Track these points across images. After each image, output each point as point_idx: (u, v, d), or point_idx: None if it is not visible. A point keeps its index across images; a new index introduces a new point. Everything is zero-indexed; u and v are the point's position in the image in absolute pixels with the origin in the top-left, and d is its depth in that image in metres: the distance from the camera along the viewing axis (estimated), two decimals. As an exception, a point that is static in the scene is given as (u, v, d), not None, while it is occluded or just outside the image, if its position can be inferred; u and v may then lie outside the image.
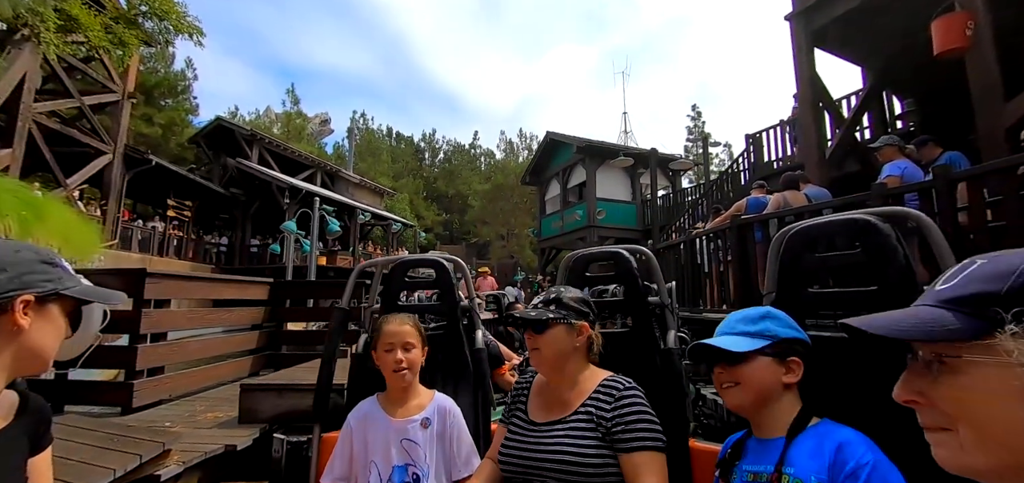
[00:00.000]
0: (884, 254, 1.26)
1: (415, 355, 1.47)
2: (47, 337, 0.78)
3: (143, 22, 10.58)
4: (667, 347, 1.83)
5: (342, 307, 2.23)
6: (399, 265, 2.18)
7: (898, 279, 1.23)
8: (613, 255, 1.93)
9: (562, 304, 1.32)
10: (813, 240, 1.41)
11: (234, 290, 4.30)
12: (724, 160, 32.90)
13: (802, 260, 1.41)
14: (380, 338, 1.48)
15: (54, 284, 0.77)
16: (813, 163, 5.70)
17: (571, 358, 1.30)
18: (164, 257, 14.95)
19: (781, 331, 1.05)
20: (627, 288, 1.90)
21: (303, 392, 2.80)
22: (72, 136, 12.60)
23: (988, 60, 4.05)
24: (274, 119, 36.86)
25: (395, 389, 1.49)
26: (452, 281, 2.13)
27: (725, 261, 5.22)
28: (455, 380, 1.90)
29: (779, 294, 1.43)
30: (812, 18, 5.60)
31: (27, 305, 0.74)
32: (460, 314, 2.08)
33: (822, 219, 1.44)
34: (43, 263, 0.78)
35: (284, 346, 4.72)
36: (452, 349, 1.99)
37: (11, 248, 0.77)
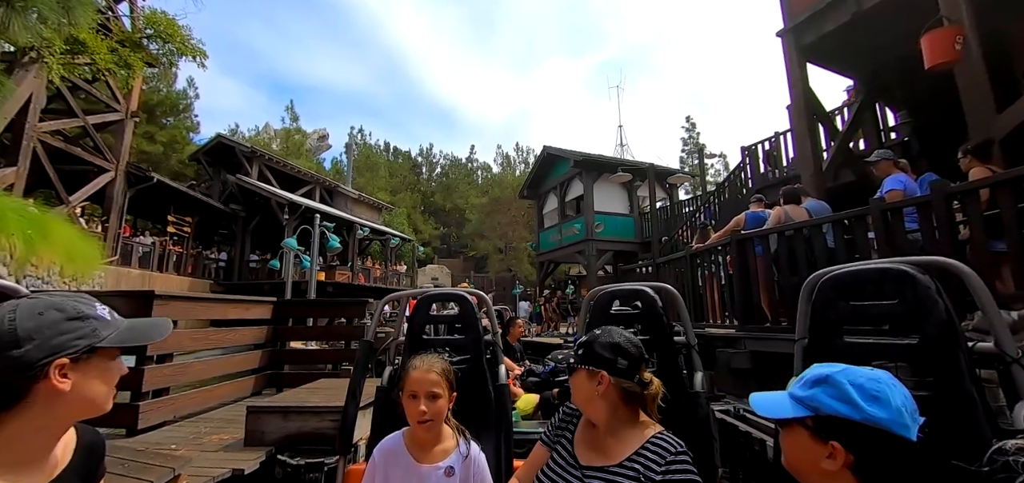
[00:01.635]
0: (924, 306, 1.22)
1: (441, 404, 1.41)
2: (96, 388, 0.77)
3: (148, 44, 10.75)
4: (694, 390, 1.80)
5: (367, 340, 2.28)
6: (424, 298, 2.19)
7: (939, 332, 1.19)
8: (638, 293, 1.91)
9: (589, 348, 1.28)
10: (846, 287, 1.37)
11: (239, 310, 4.33)
12: (720, 170, 33.14)
13: (835, 307, 1.37)
14: (406, 383, 1.43)
15: (88, 339, 0.75)
16: (809, 175, 5.78)
17: (599, 404, 1.25)
18: (164, 273, 14.94)
19: (827, 404, 0.86)
20: (652, 327, 1.87)
21: (308, 414, 2.82)
22: (75, 154, 12.69)
23: (978, 73, 4.14)
24: (273, 135, 37.08)
25: (419, 434, 1.44)
26: (475, 315, 2.11)
27: (727, 276, 5.25)
28: (478, 417, 1.85)
29: (811, 341, 1.40)
30: (803, 33, 5.72)
31: (63, 368, 0.72)
32: (483, 348, 2.06)
33: (856, 266, 1.39)
34: (71, 320, 0.75)
35: (286, 365, 4.73)
36: (475, 385, 1.96)
37: (34, 312, 0.73)
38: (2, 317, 0.71)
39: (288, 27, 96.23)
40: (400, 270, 22.71)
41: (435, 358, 1.49)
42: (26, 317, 0.72)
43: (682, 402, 1.75)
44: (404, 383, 1.45)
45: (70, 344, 0.73)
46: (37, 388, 0.70)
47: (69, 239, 9.11)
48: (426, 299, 2.20)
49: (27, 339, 0.70)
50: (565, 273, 22.64)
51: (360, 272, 19.33)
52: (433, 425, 1.41)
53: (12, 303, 0.74)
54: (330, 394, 3.25)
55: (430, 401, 1.39)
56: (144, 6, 12.58)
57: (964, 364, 1.15)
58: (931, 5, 4.40)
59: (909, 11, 4.88)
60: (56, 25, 3.92)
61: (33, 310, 0.73)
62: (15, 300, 0.75)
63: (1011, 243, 3.00)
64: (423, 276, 29.45)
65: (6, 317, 0.71)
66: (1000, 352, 1.21)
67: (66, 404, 0.73)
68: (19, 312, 0.72)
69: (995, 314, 1.26)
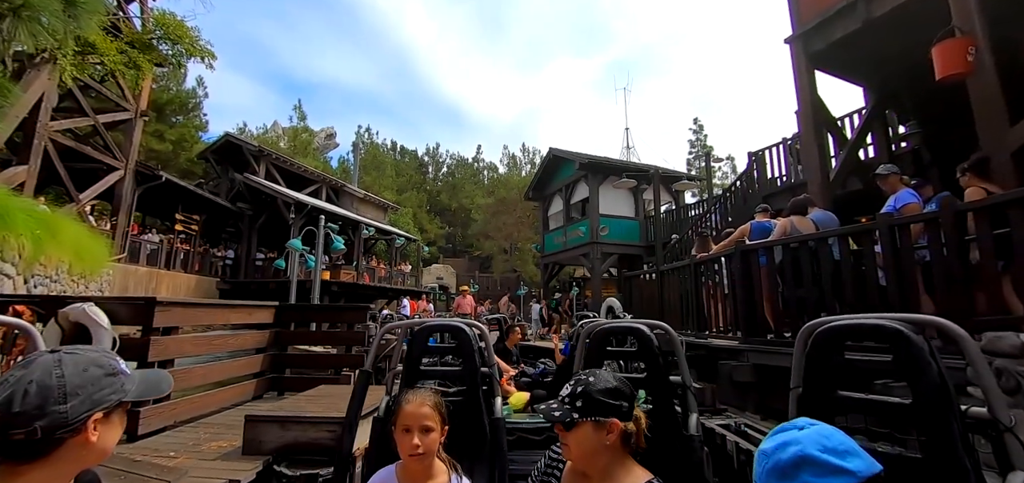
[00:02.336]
0: (917, 366, 1.22)
1: (433, 438, 1.41)
2: (111, 438, 0.82)
3: (158, 45, 10.85)
4: (688, 433, 1.78)
5: (366, 370, 2.29)
6: (421, 330, 2.19)
7: (931, 395, 1.19)
8: (633, 331, 1.89)
9: (590, 399, 1.19)
10: (841, 339, 1.38)
11: (241, 314, 4.35)
12: (727, 174, 32.88)
13: (830, 359, 1.37)
14: (399, 416, 1.43)
15: (118, 395, 0.81)
16: (817, 184, 5.70)
17: (602, 455, 1.19)
18: (171, 270, 15.10)
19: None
20: (648, 366, 1.84)
21: (306, 424, 2.82)
22: (85, 153, 12.86)
23: (991, 85, 4.05)
24: (281, 134, 37.37)
25: (411, 467, 1.43)
26: (473, 347, 2.10)
27: (731, 287, 5.21)
28: (472, 451, 1.83)
29: (805, 390, 1.41)
30: (812, 41, 5.65)
31: (97, 422, 0.77)
32: (480, 380, 2.05)
33: (852, 320, 1.41)
34: (108, 376, 0.80)
35: (288, 370, 4.74)
36: (470, 418, 1.93)
37: (79, 369, 0.77)
38: (50, 371, 0.74)
39: (299, 24, 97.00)
40: (405, 270, 22.77)
41: (428, 392, 1.49)
42: (73, 374, 0.76)
43: (676, 445, 1.72)
44: (397, 417, 1.45)
45: (106, 399, 0.78)
46: (73, 440, 0.74)
47: (77, 238, 9.22)
48: (424, 330, 2.18)
49: (73, 395, 0.74)
50: (570, 275, 22.59)
51: (365, 271, 19.41)
52: (425, 458, 1.41)
53: (55, 357, 0.77)
54: (328, 403, 3.25)
55: (423, 435, 1.39)
56: (154, 7, 12.72)
57: (957, 430, 1.15)
58: (943, 14, 4.31)
59: (920, 20, 4.79)
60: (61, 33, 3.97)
61: (79, 366, 0.77)
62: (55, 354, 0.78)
63: (1020, 263, 2.94)
64: (428, 275, 29.53)
65: (54, 373, 0.75)
66: (994, 419, 1.20)
67: (90, 453, 0.78)
68: (66, 369, 0.76)
69: (989, 380, 1.25)
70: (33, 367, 0.75)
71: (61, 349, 0.81)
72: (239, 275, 17.79)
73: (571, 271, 22.17)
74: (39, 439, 0.71)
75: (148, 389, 0.89)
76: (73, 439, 0.74)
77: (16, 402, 0.71)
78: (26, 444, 0.71)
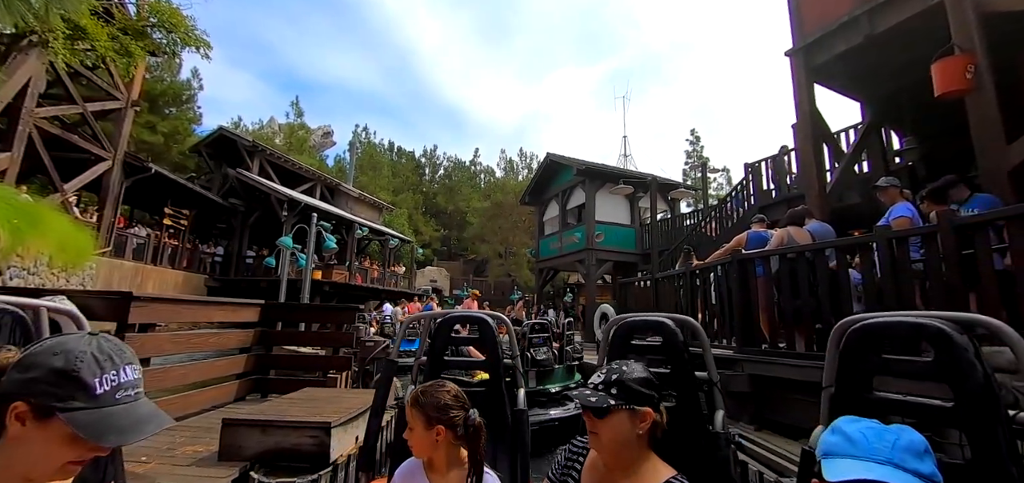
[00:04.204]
0: (961, 368, 1.17)
1: (415, 436, 1.38)
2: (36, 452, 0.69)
3: (152, 33, 10.68)
4: (714, 430, 1.75)
5: (391, 360, 2.30)
6: (445, 320, 2.19)
7: (976, 399, 1.14)
8: (658, 325, 1.85)
9: (625, 387, 1.19)
10: (877, 337, 1.33)
11: (225, 313, 4.21)
12: (722, 185, 33.05)
13: (866, 358, 1.32)
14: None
15: (51, 400, 0.68)
16: (814, 196, 5.68)
17: (631, 446, 1.19)
18: (158, 266, 14.82)
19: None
20: (673, 362, 1.81)
21: (288, 429, 2.70)
22: (72, 142, 12.59)
23: (989, 103, 4.04)
24: (277, 130, 37.06)
25: (429, 459, 1.42)
26: (495, 338, 2.11)
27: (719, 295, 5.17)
28: (494, 441, 1.81)
29: (838, 391, 1.35)
30: (813, 54, 5.64)
31: (20, 413, 0.68)
32: (502, 371, 2.05)
33: (889, 317, 1.34)
34: (61, 375, 0.69)
35: (272, 371, 4.60)
36: (493, 408, 1.91)
37: (51, 352, 0.71)
38: (47, 341, 0.73)
39: (301, 21, 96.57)
40: (399, 272, 22.58)
41: (423, 389, 1.45)
42: (41, 352, 0.71)
43: (702, 442, 1.70)
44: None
45: (39, 395, 0.68)
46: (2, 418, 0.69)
47: (61, 229, 8.99)
48: (447, 321, 2.19)
49: (24, 370, 0.69)
50: (564, 281, 22.53)
51: (358, 272, 19.21)
52: (419, 452, 1.41)
53: (70, 337, 0.75)
54: (312, 407, 3.13)
55: (409, 432, 1.40)
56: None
57: (1002, 437, 1.10)
58: (943, 32, 4.31)
59: (921, 37, 4.80)
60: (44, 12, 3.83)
61: (54, 348, 0.72)
62: (87, 336, 0.76)
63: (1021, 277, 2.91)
64: (422, 278, 29.32)
65: (41, 343, 0.73)
66: None
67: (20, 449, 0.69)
68: (48, 343, 0.72)
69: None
70: (68, 335, 0.75)
71: (98, 334, 0.76)
72: (229, 272, 17.52)
73: (565, 277, 22.11)
74: None
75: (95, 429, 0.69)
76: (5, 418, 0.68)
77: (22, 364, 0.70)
78: None
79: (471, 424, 1.38)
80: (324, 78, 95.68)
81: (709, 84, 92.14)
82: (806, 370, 4.05)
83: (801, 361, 4.14)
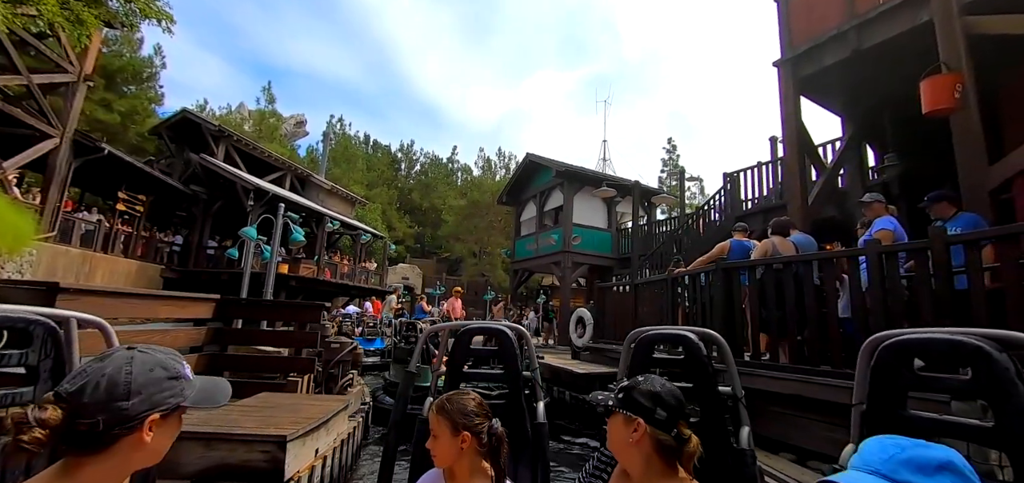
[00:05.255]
0: (1002, 387, 1.13)
1: (439, 445, 1.37)
2: (165, 441, 0.82)
3: (108, 1, 9.87)
4: (740, 447, 1.72)
5: (410, 371, 2.25)
6: (465, 332, 2.19)
7: (1019, 419, 1.09)
8: (681, 338, 1.82)
9: (628, 394, 1.23)
10: (911, 354, 1.28)
11: (172, 308, 3.78)
12: (696, 193, 33.74)
13: (900, 375, 1.28)
14: None
15: (177, 399, 0.82)
16: (796, 207, 5.68)
17: (633, 453, 1.20)
18: (109, 254, 13.82)
19: None
20: (696, 375, 1.78)
21: (235, 443, 2.37)
22: (15, 116, 11.54)
23: (973, 122, 4.08)
24: (247, 116, 35.56)
25: (451, 470, 1.40)
26: (515, 350, 2.10)
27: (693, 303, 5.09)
28: (514, 455, 1.79)
29: (870, 408, 1.30)
30: (800, 65, 5.64)
31: (153, 424, 0.77)
32: (522, 384, 2.05)
33: (925, 333, 1.31)
34: (170, 379, 0.82)
35: (226, 372, 4.19)
36: (512, 421, 1.88)
37: (147, 368, 0.79)
38: (121, 367, 0.77)
39: (274, 5, 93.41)
40: (370, 268, 21.92)
41: (448, 397, 1.44)
42: (140, 372, 0.78)
43: (727, 459, 1.67)
44: None
45: (165, 402, 0.80)
46: (128, 439, 0.75)
47: (-5, 208, 8.16)
48: (467, 333, 2.20)
49: (136, 393, 0.76)
50: (538, 283, 22.41)
51: (327, 267, 18.51)
52: (440, 460, 1.38)
53: (128, 355, 0.80)
54: (266, 417, 2.79)
55: (433, 441, 1.38)
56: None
57: None
58: (930, 51, 4.34)
59: (908, 55, 4.83)
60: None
61: (146, 366, 0.79)
62: (131, 350, 0.81)
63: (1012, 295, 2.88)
64: (393, 275, 28.64)
65: (124, 369, 0.77)
66: None
67: (143, 454, 0.78)
68: (135, 366, 0.78)
69: None
70: (108, 361, 0.78)
71: (136, 346, 0.82)
72: (188, 263, 16.56)
73: (540, 279, 22.00)
74: (100, 432, 0.72)
75: (205, 397, 0.88)
76: (128, 437, 0.75)
77: (87, 392, 0.73)
78: (89, 435, 0.73)
79: (494, 434, 1.38)
80: (298, 66, 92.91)
81: (686, 93, 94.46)
82: (789, 383, 3.99)
83: (785, 374, 4.07)
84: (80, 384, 0.73)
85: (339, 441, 3.18)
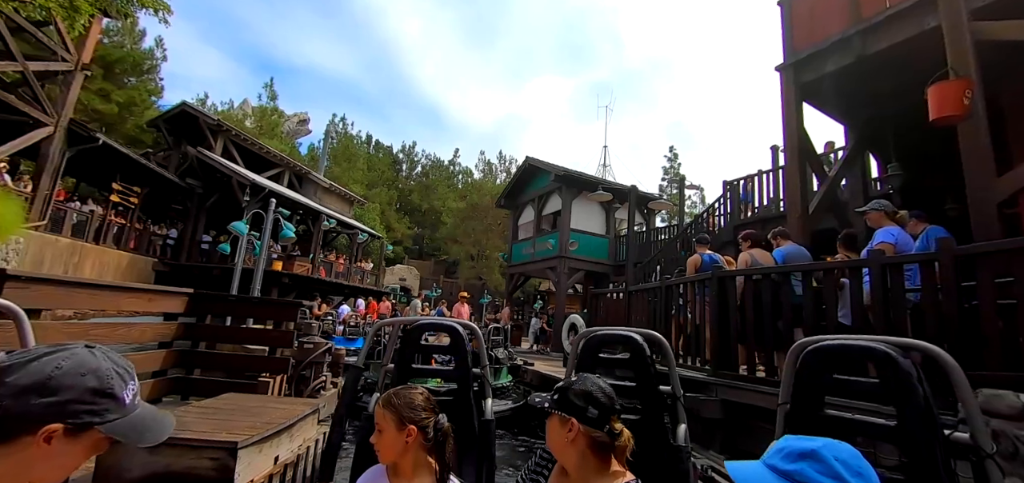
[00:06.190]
0: (904, 390, 1.23)
1: (384, 439, 1.36)
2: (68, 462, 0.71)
3: (103, -12, 9.75)
4: (676, 443, 1.79)
5: (357, 366, 2.20)
6: (416, 327, 2.18)
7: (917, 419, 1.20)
8: (626, 339, 1.89)
9: (563, 395, 1.27)
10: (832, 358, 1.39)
11: (138, 301, 3.59)
12: (696, 203, 33.54)
13: (820, 377, 1.38)
14: None
15: (93, 419, 0.70)
16: (796, 216, 5.51)
17: (570, 451, 1.24)
18: (100, 245, 13.66)
19: (816, 481, 0.79)
20: (639, 374, 1.85)
21: (182, 449, 2.19)
22: (9, 102, 11.42)
23: (981, 132, 3.91)
24: (250, 112, 35.47)
25: (396, 465, 1.39)
26: (466, 346, 2.12)
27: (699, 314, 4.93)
28: (460, 450, 1.79)
29: (793, 407, 1.41)
30: (803, 71, 5.48)
31: (53, 434, 0.67)
32: (471, 380, 2.06)
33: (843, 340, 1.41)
34: (97, 394, 0.71)
35: (197, 370, 4.02)
36: (460, 417, 1.89)
37: (79, 371, 0.70)
38: (54, 360, 0.70)
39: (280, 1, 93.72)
40: (366, 268, 21.73)
41: (395, 391, 1.43)
42: (69, 373, 0.69)
43: (664, 454, 1.74)
44: None
45: (78, 416, 0.69)
46: (24, 439, 0.67)
47: (-21, 194, 8.00)
48: (418, 328, 2.19)
49: (52, 393, 0.67)
50: (535, 288, 22.22)
51: (322, 265, 18.33)
52: (384, 455, 1.37)
53: (74, 351, 0.72)
54: (223, 420, 2.61)
55: (377, 435, 1.37)
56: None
57: (939, 454, 1.18)
58: (936, 57, 4.17)
59: (913, 61, 4.67)
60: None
61: (80, 368, 0.71)
62: (91, 347, 0.75)
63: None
64: (391, 275, 28.46)
65: (56, 364, 0.69)
66: (975, 445, 1.23)
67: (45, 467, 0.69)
68: (69, 364, 0.70)
69: (974, 408, 1.27)
70: (64, 351, 0.71)
71: (97, 347, 0.75)
72: (180, 257, 16.41)
73: (536, 284, 21.82)
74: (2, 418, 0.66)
75: (132, 430, 0.74)
76: (24, 438, 0.67)
77: (12, 372, 0.67)
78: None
79: (440, 429, 1.38)
80: (303, 64, 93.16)
81: (687, 103, 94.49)
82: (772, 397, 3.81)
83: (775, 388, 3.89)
84: (11, 362, 0.68)
85: (305, 448, 3.00)
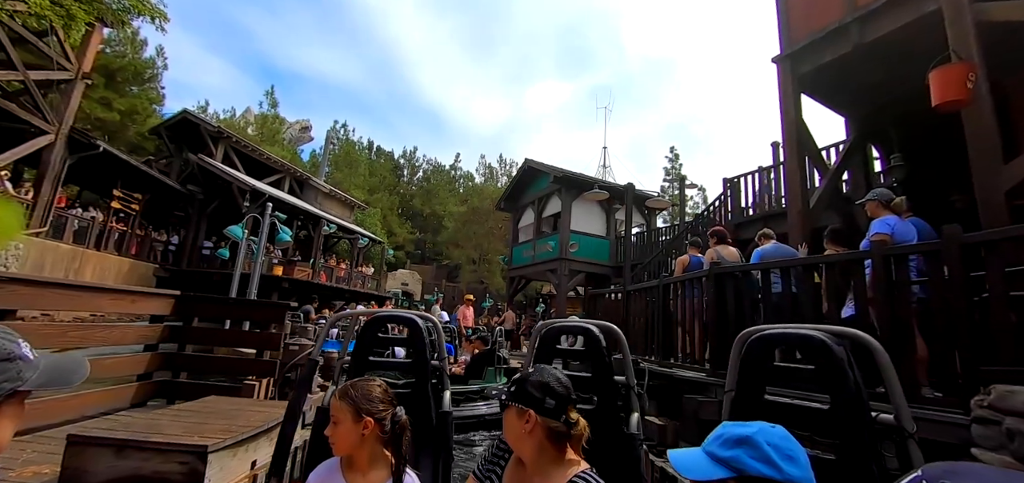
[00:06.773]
0: (836, 376, 1.29)
1: (340, 431, 1.34)
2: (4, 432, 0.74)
3: (102, -2, 9.78)
4: (629, 432, 1.80)
5: (314, 359, 2.20)
6: (374, 319, 2.18)
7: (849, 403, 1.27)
8: (583, 330, 1.92)
9: (520, 386, 1.27)
10: (774, 346, 1.46)
11: (121, 303, 3.51)
12: (698, 203, 33.33)
13: (763, 364, 1.44)
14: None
15: (11, 384, 0.71)
16: (796, 211, 5.37)
17: (527, 442, 1.24)
18: (101, 251, 13.69)
19: (750, 466, 0.84)
20: (595, 365, 1.87)
21: (150, 452, 2.10)
22: (11, 111, 11.48)
23: (986, 117, 3.78)
24: (251, 120, 35.65)
25: (350, 458, 1.38)
26: (425, 340, 2.10)
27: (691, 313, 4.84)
28: (417, 443, 1.77)
29: (738, 394, 1.46)
30: (800, 62, 5.36)
31: None
32: (429, 373, 2.05)
33: (784, 329, 1.48)
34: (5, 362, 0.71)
35: (184, 373, 3.94)
36: (418, 410, 1.88)
37: None
38: None
39: (283, 10, 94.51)
40: (367, 273, 21.68)
41: (352, 383, 1.42)
42: None
43: (617, 443, 1.76)
44: None
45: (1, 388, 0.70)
46: None
47: (-24, 201, 7.99)
48: (375, 320, 2.19)
49: None
50: (536, 291, 22.08)
51: (322, 270, 18.30)
52: (339, 448, 1.35)
53: None
54: (197, 423, 2.52)
55: (333, 427, 1.35)
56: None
57: (867, 436, 1.24)
58: (936, 43, 4.05)
59: (913, 47, 4.55)
60: None
61: None
62: None
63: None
64: (392, 280, 28.39)
65: None
66: (899, 426, 1.29)
67: None
68: None
69: (898, 390, 1.32)
70: None
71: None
72: (181, 263, 16.42)
73: (538, 287, 21.69)
74: None
75: (53, 377, 0.76)
76: None
77: None
78: None
79: (397, 421, 1.37)
80: (305, 71, 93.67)
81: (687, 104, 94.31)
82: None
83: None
84: None
85: (287, 450, 2.90)
